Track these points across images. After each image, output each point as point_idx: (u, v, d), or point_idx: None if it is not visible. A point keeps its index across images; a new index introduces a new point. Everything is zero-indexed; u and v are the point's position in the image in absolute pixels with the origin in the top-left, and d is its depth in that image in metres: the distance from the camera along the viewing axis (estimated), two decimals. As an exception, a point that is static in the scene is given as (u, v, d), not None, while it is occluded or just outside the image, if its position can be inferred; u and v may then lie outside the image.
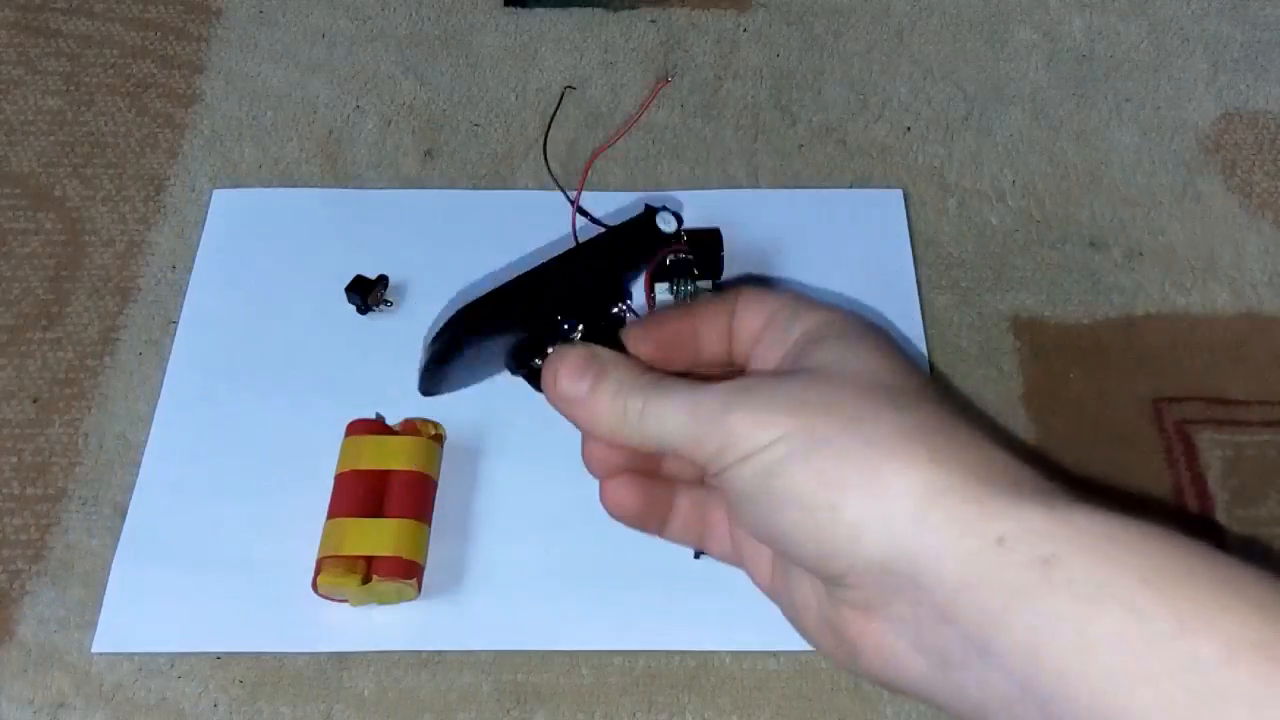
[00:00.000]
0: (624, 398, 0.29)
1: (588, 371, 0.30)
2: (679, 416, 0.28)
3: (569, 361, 0.30)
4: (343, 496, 0.45)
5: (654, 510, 0.32)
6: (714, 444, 0.27)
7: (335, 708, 0.43)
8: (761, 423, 0.27)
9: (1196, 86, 0.61)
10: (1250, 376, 0.51)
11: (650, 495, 0.32)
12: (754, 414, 0.27)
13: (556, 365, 0.30)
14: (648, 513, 0.32)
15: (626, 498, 0.32)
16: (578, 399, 0.30)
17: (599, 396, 0.30)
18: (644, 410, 0.29)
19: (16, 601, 0.45)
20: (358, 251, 0.54)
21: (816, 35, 0.63)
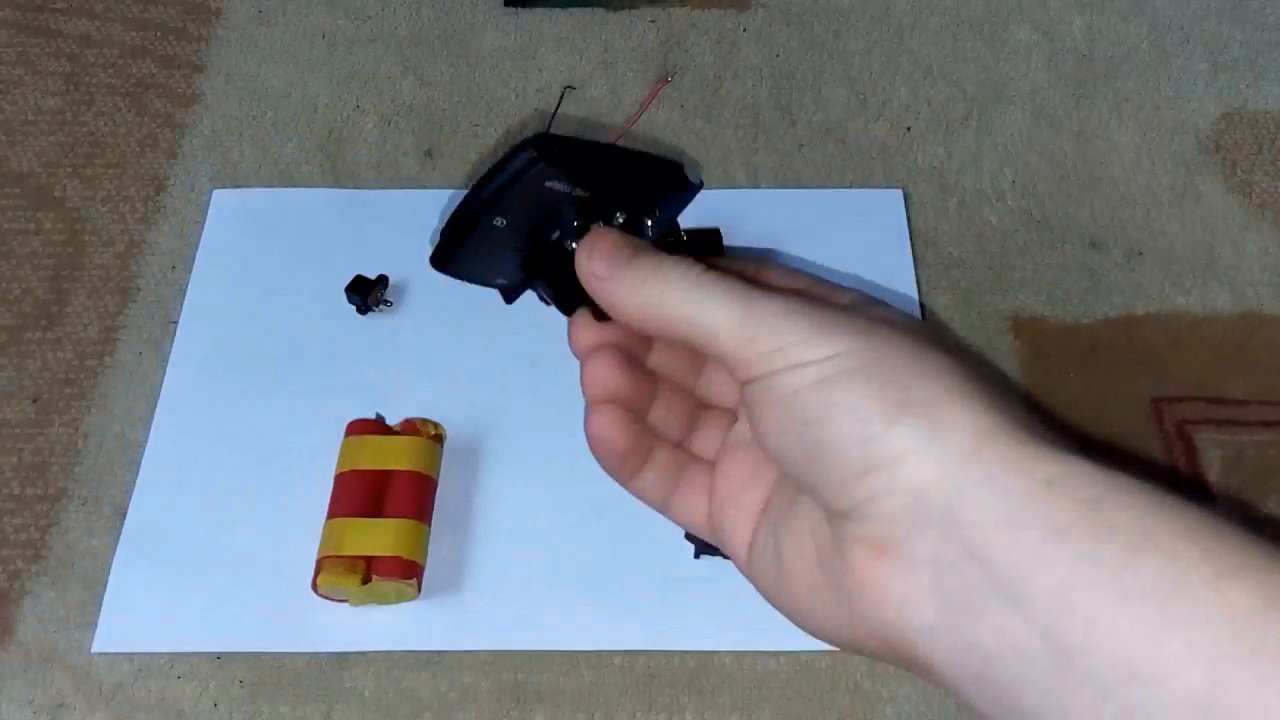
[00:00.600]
0: (667, 272, 0.28)
1: (628, 245, 0.29)
2: (731, 307, 0.27)
3: (609, 235, 0.30)
4: (343, 496, 0.45)
5: (634, 454, 0.32)
6: (767, 344, 0.27)
7: (335, 708, 0.43)
8: (826, 334, 0.26)
9: (1196, 86, 0.61)
10: (1250, 376, 0.51)
11: (636, 435, 0.31)
12: (819, 324, 0.27)
13: (597, 237, 0.30)
14: (629, 452, 0.31)
15: (615, 430, 0.31)
16: (616, 268, 0.29)
17: (639, 268, 0.29)
18: (689, 289, 0.28)
19: (16, 601, 0.45)
20: (358, 251, 0.54)
21: (816, 35, 0.63)
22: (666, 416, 0.33)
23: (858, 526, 0.26)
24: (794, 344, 0.26)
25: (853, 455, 0.25)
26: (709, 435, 0.33)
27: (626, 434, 0.31)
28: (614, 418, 0.31)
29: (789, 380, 0.26)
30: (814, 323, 0.27)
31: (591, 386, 0.31)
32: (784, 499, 0.30)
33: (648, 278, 0.28)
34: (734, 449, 0.32)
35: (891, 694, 0.43)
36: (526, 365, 0.50)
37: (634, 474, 0.32)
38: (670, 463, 0.32)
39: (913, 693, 0.43)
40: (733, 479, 0.32)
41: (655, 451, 0.32)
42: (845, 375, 0.26)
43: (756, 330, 0.27)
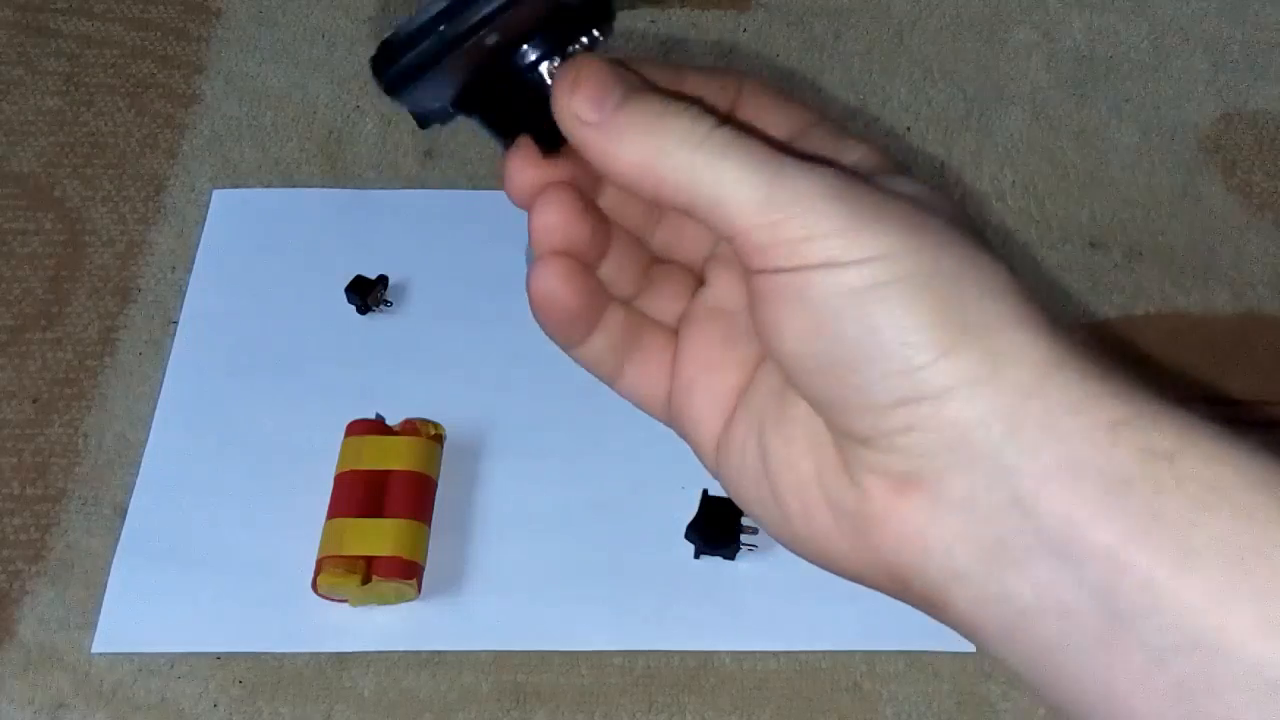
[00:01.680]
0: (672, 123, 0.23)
1: (620, 80, 0.23)
2: (752, 177, 0.22)
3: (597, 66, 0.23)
4: (343, 496, 0.45)
5: (583, 312, 0.26)
6: (796, 230, 0.22)
7: (335, 708, 0.43)
8: (869, 228, 0.22)
9: (1196, 86, 0.61)
10: (1250, 376, 0.51)
11: (588, 292, 0.26)
12: (860, 215, 0.22)
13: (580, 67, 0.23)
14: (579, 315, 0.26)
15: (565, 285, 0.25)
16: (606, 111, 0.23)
17: (635, 114, 0.23)
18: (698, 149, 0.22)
19: (16, 601, 0.45)
20: (358, 251, 0.54)
21: (816, 35, 0.63)
22: (618, 271, 0.27)
23: (881, 456, 0.22)
24: (829, 235, 0.22)
25: (892, 382, 0.22)
26: (666, 296, 0.28)
27: (577, 292, 0.26)
28: (564, 272, 0.25)
29: (822, 281, 0.22)
30: (854, 211, 0.22)
31: (542, 235, 0.25)
32: (771, 392, 0.25)
33: (647, 127, 0.23)
34: (702, 319, 0.27)
35: (891, 694, 0.43)
36: (526, 365, 0.50)
37: (583, 339, 0.27)
38: (623, 326, 0.27)
39: (913, 693, 0.43)
40: (700, 356, 0.27)
41: (606, 312, 0.27)
42: (892, 285, 0.21)
43: (784, 211, 0.22)
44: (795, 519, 0.25)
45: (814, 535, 0.24)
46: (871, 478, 0.23)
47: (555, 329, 0.26)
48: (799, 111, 0.26)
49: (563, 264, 0.25)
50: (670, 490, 0.46)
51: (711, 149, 0.22)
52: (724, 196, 0.22)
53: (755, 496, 0.25)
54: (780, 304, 0.23)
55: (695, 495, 0.45)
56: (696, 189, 0.23)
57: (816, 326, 0.22)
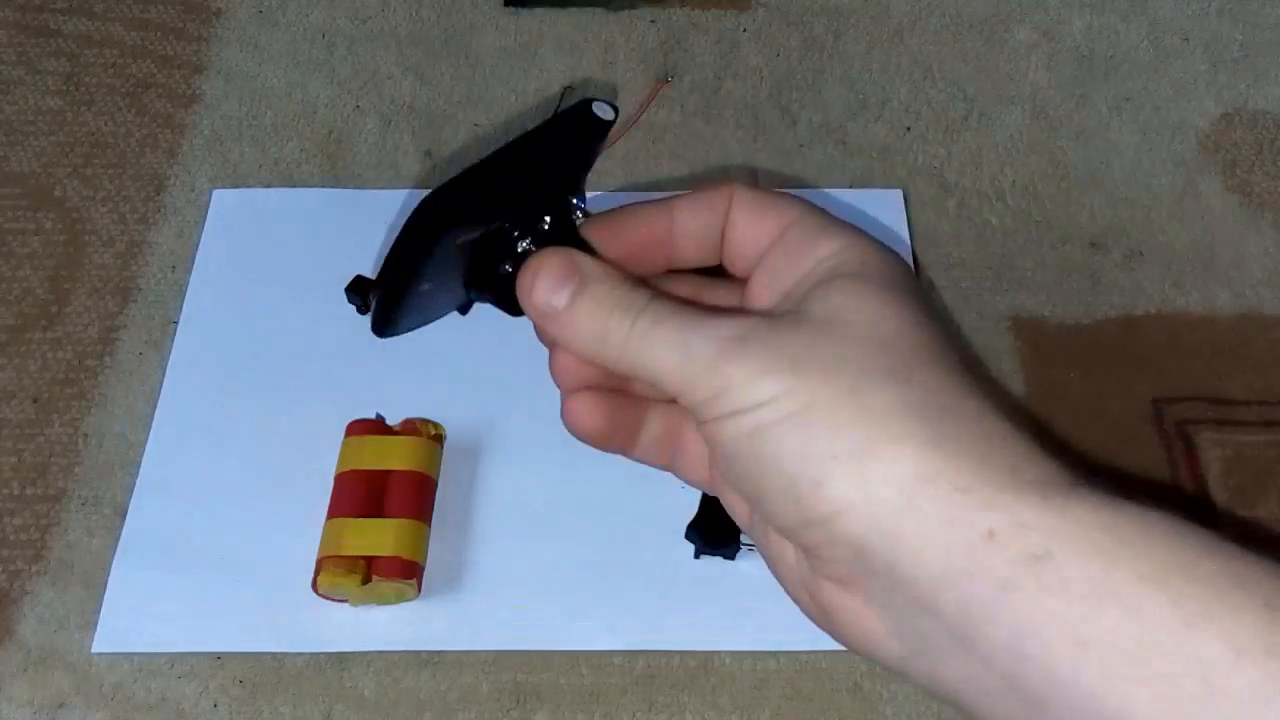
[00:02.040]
0: (607, 317, 0.27)
1: (569, 281, 0.27)
2: (669, 353, 0.26)
3: (549, 268, 0.28)
4: (343, 496, 0.45)
5: (620, 429, 0.30)
6: (704, 391, 0.25)
7: (335, 708, 0.43)
8: (756, 379, 0.25)
9: (1196, 86, 0.61)
10: (1250, 376, 0.51)
11: (617, 414, 0.30)
12: (749, 368, 0.25)
13: (535, 271, 0.28)
14: (612, 432, 0.30)
15: (590, 416, 0.29)
16: (555, 312, 0.27)
17: (579, 312, 0.27)
18: (629, 336, 0.26)
19: (16, 601, 0.45)
20: (358, 251, 0.54)
21: (816, 35, 0.63)
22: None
23: (819, 564, 0.26)
24: (729, 390, 0.25)
25: (790, 511, 0.25)
26: None
27: (604, 415, 0.29)
28: (588, 403, 0.29)
29: (726, 428, 0.25)
30: (745, 363, 0.25)
31: (561, 376, 0.30)
32: None
33: (587, 318, 0.27)
34: None
35: (891, 694, 0.43)
36: (526, 365, 0.50)
37: (628, 446, 0.31)
38: (666, 424, 0.30)
39: (913, 693, 0.43)
40: None
41: (647, 418, 0.30)
42: (774, 426, 0.24)
43: (692, 374, 0.26)
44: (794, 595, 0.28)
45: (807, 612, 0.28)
46: (823, 579, 0.26)
47: (595, 445, 0.30)
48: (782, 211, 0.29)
49: (586, 397, 0.29)
50: (670, 490, 0.46)
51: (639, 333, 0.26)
52: (655, 370, 0.26)
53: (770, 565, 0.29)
54: (711, 450, 0.27)
55: (695, 495, 0.45)
56: (635, 368, 0.27)
57: (732, 467, 0.26)
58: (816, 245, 0.28)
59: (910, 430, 0.24)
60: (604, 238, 0.29)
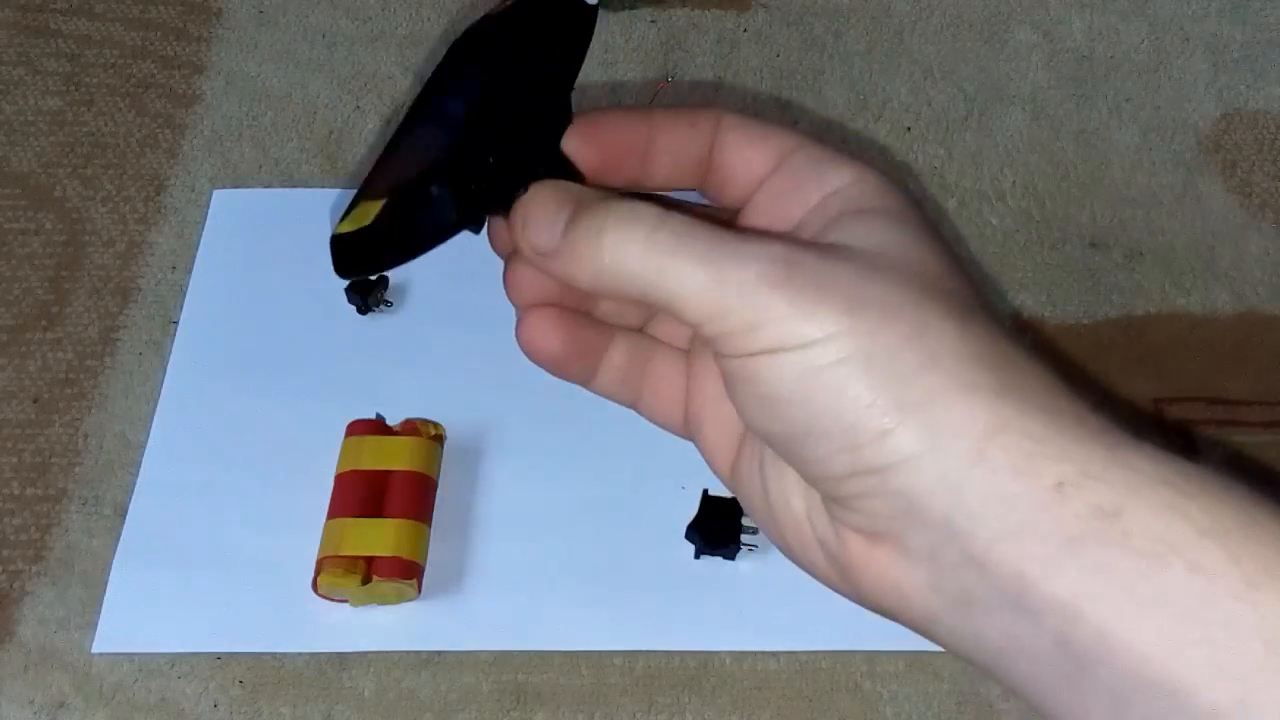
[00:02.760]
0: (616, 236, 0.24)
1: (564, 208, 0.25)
2: (696, 273, 0.23)
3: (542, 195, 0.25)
4: (343, 497, 0.45)
5: (581, 354, 0.27)
6: (739, 321, 0.23)
7: (335, 708, 0.43)
8: (807, 313, 0.22)
9: (1196, 86, 0.61)
10: (1250, 376, 0.51)
11: (578, 335, 0.27)
12: (800, 300, 0.22)
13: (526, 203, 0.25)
14: (573, 355, 0.27)
15: (549, 336, 0.27)
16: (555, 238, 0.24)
17: (582, 230, 0.24)
18: (646, 252, 0.23)
19: (16, 601, 0.45)
20: (358, 251, 0.54)
21: (816, 35, 0.63)
22: (619, 305, 0.28)
23: (849, 515, 0.24)
24: (772, 322, 0.22)
25: (842, 457, 0.23)
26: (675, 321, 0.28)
27: (564, 336, 0.27)
28: (546, 321, 0.27)
29: (767, 366, 0.23)
30: (794, 297, 0.22)
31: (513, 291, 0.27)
32: None
33: (594, 244, 0.24)
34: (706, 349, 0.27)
35: (891, 694, 0.43)
36: (526, 365, 0.50)
37: (589, 376, 0.28)
38: (631, 355, 0.28)
39: (913, 693, 0.43)
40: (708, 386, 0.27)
41: (612, 347, 0.28)
42: (834, 369, 0.22)
43: (728, 302, 0.23)
44: (794, 549, 0.26)
45: (811, 567, 0.26)
46: (848, 531, 0.24)
47: (552, 371, 0.27)
48: (780, 139, 0.27)
49: (544, 315, 0.27)
50: (670, 490, 0.46)
51: (656, 249, 0.23)
52: (675, 294, 0.23)
53: (764, 521, 0.27)
54: (738, 386, 0.24)
55: (695, 495, 0.46)
56: (651, 290, 0.23)
57: (769, 408, 0.23)
58: (825, 175, 0.26)
59: (979, 378, 0.22)
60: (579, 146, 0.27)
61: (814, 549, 0.25)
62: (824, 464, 0.23)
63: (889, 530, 0.23)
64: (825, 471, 0.23)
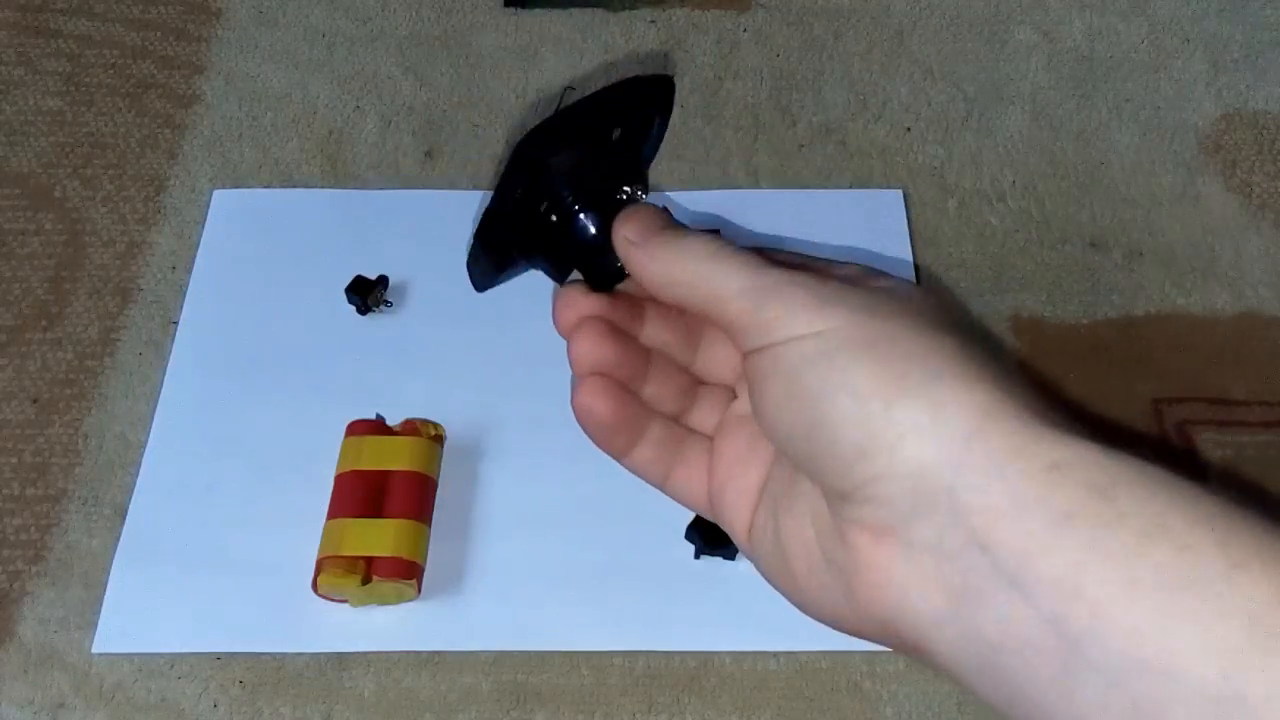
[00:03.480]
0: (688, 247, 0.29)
1: (660, 218, 0.30)
2: (740, 274, 0.28)
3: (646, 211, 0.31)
4: (343, 497, 0.45)
5: (625, 427, 0.31)
6: (770, 312, 0.27)
7: (335, 708, 0.43)
8: (827, 306, 0.26)
9: (1196, 86, 0.61)
10: (1250, 376, 0.51)
11: (625, 409, 0.31)
12: (820, 295, 0.27)
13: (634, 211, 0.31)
14: (619, 426, 0.31)
15: (601, 404, 0.30)
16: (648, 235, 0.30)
17: (667, 236, 0.30)
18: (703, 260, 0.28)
19: (16, 602, 0.45)
20: (358, 252, 0.54)
21: (816, 35, 0.63)
22: (661, 392, 0.32)
23: (858, 509, 0.25)
24: (795, 313, 0.26)
25: (852, 435, 0.25)
26: (707, 411, 0.33)
27: (614, 405, 0.30)
28: (600, 389, 0.30)
29: (789, 353, 0.26)
30: (815, 294, 0.27)
31: (578, 357, 0.31)
32: (783, 477, 0.29)
33: (673, 244, 0.29)
34: (732, 424, 0.32)
35: (891, 694, 0.43)
36: (526, 365, 0.50)
37: (628, 448, 0.32)
38: (667, 438, 0.32)
39: (913, 692, 0.43)
40: (731, 456, 0.31)
41: (650, 426, 0.31)
42: (844, 350, 0.26)
43: (762, 298, 0.27)
44: (801, 579, 0.28)
45: (818, 597, 0.28)
46: (854, 530, 0.26)
47: (599, 438, 0.31)
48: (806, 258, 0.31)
49: (600, 382, 0.30)
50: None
51: (714, 259, 0.28)
52: (719, 291, 0.28)
53: (774, 569, 0.30)
54: (763, 377, 0.27)
55: (695, 495, 0.46)
56: (701, 288, 0.28)
57: (790, 392, 0.26)
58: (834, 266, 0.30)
59: (976, 370, 0.25)
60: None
61: (820, 572, 0.27)
62: (836, 445, 0.25)
63: (895, 519, 0.25)
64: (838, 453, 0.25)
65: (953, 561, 0.24)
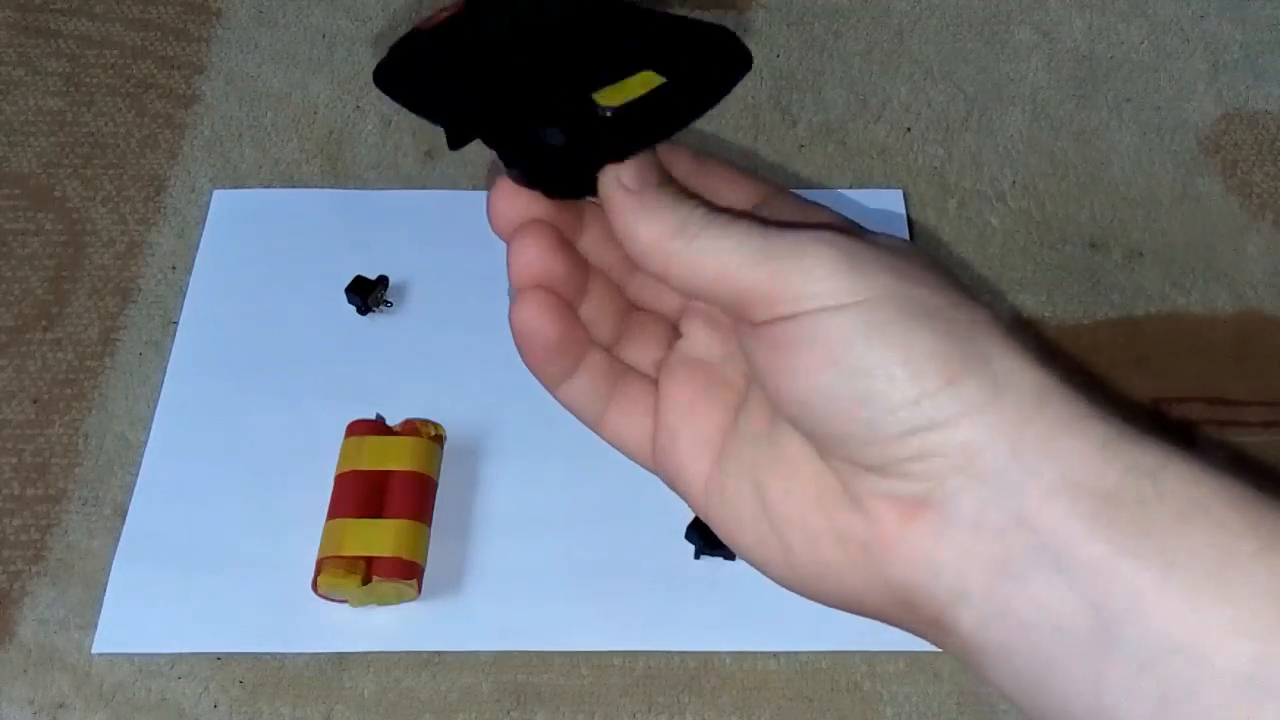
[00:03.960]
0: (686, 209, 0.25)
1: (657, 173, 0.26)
2: (751, 243, 0.24)
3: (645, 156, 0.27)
4: (343, 497, 0.45)
5: (567, 350, 0.28)
6: (795, 280, 0.24)
7: (335, 708, 0.43)
8: (863, 271, 0.23)
9: (1196, 86, 0.61)
10: (1250, 376, 0.51)
11: (570, 328, 0.27)
12: (853, 260, 0.24)
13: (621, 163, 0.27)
14: (561, 348, 0.27)
15: (545, 321, 0.27)
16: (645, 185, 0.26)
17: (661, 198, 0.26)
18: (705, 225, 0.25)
19: (16, 602, 0.45)
20: (358, 252, 0.54)
21: (816, 35, 0.63)
22: (597, 314, 0.29)
23: (891, 483, 0.24)
24: (828, 279, 0.23)
25: (903, 412, 0.23)
26: (644, 345, 0.29)
27: (560, 325, 0.27)
28: (545, 305, 0.27)
29: (828, 322, 0.23)
30: (848, 257, 0.24)
31: (522, 266, 0.27)
32: (756, 436, 0.27)
33: (670, 205, 0.25)
34: (681, 369, 0.28)
35: (892, 695, 0.43)
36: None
37: (565, 376, 0.28)
38: (605, 369, 0.28)
39: (913, 693, 0.43)
40: (682, 400, 0.28)
41: (588, 354, 0.28)
42: (893, 321, 0.23)
43: (781, 264, 0.24)
44: (799, 553, 0.26)
45: (820, 567, 0.26)
46: (881, 503, 0.24)
47: (538, 362, 0.28)
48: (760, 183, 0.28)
49: (542, 297, 0.27)
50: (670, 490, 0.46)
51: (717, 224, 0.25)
52: (730, 261, 0.24)
53: (753, 537, 0.27)
54: (790, 350, 0.24)
55: (695, 495, 0.45)
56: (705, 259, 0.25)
57: (827, 366, 0.24)
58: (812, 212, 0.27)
59: (1020, 346, 0.24)
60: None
61: (826, 545, 0.25)
62: (879, 423, 0.23)
63: (937, 493, 0.23)
64: (879, 432, 0.23)
65: (995, 539, 0.23)
